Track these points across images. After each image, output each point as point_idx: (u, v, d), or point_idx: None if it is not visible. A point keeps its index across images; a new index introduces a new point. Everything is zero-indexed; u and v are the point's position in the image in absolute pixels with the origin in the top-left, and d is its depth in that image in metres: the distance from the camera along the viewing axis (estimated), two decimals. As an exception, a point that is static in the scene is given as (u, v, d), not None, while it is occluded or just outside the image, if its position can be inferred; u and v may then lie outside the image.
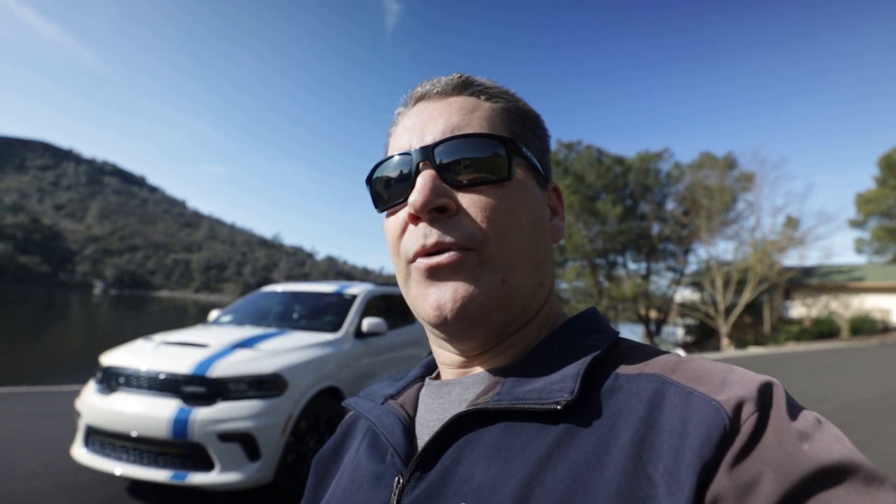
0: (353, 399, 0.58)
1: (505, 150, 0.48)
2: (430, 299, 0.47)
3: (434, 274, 0.46)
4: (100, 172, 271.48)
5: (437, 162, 0.47)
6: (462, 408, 0.47)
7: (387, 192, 0.52)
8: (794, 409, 0.37)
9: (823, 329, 23.25)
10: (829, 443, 0.34)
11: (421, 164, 0.48)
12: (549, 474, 0.37)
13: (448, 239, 0.45)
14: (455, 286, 0.46)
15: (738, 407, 0.36)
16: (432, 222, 0.46)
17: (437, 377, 0.58)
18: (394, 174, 0.50)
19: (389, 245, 0.52)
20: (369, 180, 0.53)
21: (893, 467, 4.27)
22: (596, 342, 0.47)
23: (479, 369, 0.51)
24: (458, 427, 0.44)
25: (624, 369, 0.44)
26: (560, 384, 0.42)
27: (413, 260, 0.48)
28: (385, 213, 0.53)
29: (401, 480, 0.45)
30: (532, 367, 0.46)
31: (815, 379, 9.86)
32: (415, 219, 0.47)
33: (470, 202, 0.47)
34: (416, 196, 0.45)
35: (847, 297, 26.02)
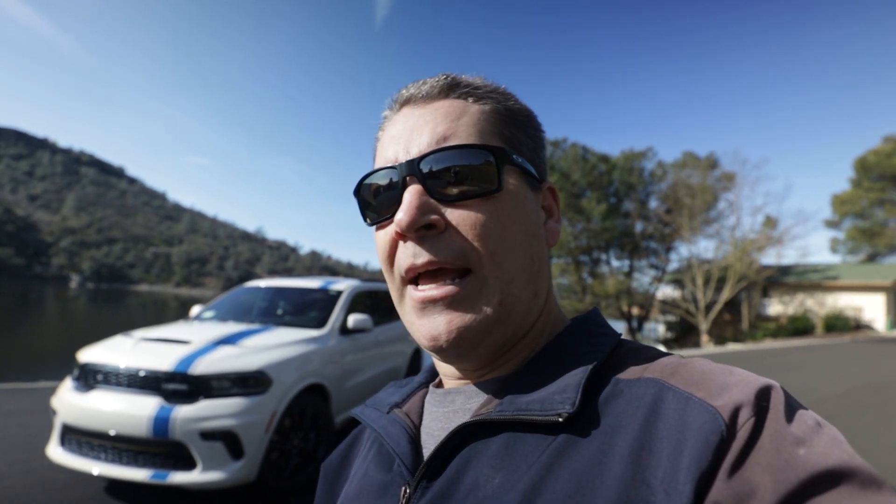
0: (360, 408, 0.58)
1: (494, 158, 0.46)
2: (423, 329, 0.47)
3: (427, 306, 0.46)
4: (76, 162, 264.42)
5: (424, 174, 0.46)
6: (466, 417, 0.47)
7: (375, 205, 0.51)
8: (792, 413, 0.36)
9: (799, 326, 23.79)
10: (826, 447, 0.33)
11: (407, 179, 0.47)
12: (551, 483, 0.37)
13: (439, 258, 0.45)
14: (449, 317, 0.45)
15: (735, 412, 0.35)
16: (420, 241, 0.46)
17: (440, 384, 0.57)
18: (381, 188, 0.49)
19: (381, 260, 0.51)
20: (357, 193, 0.53)
21: (868, 462, 4.39)
22: (597, 347, 0.47)
23: (481, 379, 0.51)
24: (463, 437, 0.44)
25: (624, 374, 0.43)
26: (561, 395, 0.41)
27: (406, 278, 0.48)
28: (374, 226, 0.52)
29: (407, 490, 0.45)
30: (534, 377, 0.46)
31: (793, 375, 10.09)
32: (403, 236, 0.47)
33: (459, 218, 0.45)
34: (402, 215, 0.45)
35: (822, 295, 26.66)
